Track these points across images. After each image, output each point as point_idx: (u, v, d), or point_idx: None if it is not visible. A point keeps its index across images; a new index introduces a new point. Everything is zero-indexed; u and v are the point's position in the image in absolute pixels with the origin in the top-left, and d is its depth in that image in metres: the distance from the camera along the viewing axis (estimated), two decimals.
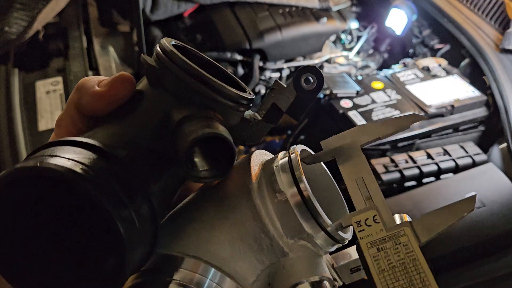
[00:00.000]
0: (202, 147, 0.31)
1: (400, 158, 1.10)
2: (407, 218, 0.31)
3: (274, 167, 0.33)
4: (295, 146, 0.34)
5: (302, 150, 0.34)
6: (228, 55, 1.47)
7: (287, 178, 0.31)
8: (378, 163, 1.08)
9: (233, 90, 0.32)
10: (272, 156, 0.35)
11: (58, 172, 0.25)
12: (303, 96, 0.34)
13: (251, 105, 0.35)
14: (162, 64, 0.31)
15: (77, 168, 0.25)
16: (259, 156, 0.35)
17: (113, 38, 1.39)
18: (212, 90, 0.31)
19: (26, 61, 1.20)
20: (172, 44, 0.33)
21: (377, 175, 1.06)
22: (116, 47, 1.34)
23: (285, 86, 0.34)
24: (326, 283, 0.31)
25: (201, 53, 0.36)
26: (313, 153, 0.35)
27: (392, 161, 1.09)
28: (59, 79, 1.14)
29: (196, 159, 0.31)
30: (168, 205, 0.34)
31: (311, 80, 0.33)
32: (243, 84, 0.36)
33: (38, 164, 0.25)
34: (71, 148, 0.27)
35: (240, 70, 1.52)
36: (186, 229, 0.31)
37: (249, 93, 0.35)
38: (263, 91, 1.62)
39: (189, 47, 0.35)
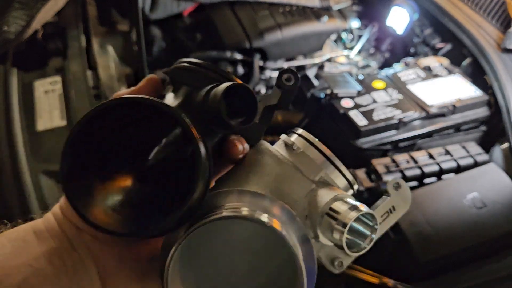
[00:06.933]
0: (228, 102, 0.38)
1: (402, 158, 1.10)
2: None
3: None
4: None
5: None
6: (228, 54, 1.46)
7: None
8: (379, 163, 1.07)
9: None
10: None
11: (160, 103, 0.34)
12: (286, 92, 0.42)
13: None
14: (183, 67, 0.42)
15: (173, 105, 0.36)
16: None
17: (112, 37, 1.38)
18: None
19: (25, 60, 1.19)
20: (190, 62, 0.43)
21: (378, 175, 1.06)
22: (115, 47, 1.34)
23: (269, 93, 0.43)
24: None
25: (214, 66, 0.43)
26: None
27: (393, 161, 1.08)
28: (58, 78, 1.14)
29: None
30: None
31: (291, 78, 0.42)
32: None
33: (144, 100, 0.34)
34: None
35: (240, 70, 1.51)
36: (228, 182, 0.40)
37: None
38: (263, 91, 1.61)
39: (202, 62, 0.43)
